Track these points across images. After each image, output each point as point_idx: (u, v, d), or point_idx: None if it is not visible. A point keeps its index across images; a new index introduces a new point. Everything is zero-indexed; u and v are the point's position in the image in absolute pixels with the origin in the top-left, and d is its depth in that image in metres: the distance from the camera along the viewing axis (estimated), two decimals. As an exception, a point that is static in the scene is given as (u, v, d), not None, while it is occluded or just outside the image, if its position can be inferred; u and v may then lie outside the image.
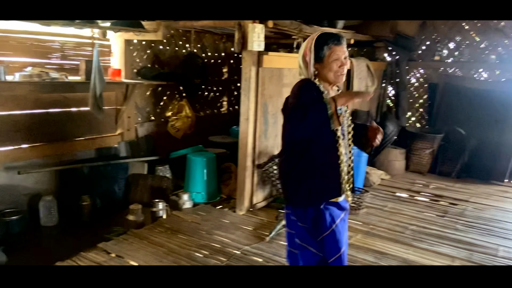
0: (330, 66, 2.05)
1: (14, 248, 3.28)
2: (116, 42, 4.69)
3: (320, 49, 2.05)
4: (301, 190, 2.11)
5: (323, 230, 2.09)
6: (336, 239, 2.10)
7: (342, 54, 2.06)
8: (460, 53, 6.08)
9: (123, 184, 4.60)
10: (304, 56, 2.09)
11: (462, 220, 4.20)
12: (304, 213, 2.12)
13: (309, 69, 2.09)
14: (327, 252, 2.11)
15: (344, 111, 2.19)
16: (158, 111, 5.44)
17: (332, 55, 2.04)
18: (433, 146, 5.87)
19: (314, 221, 2.11)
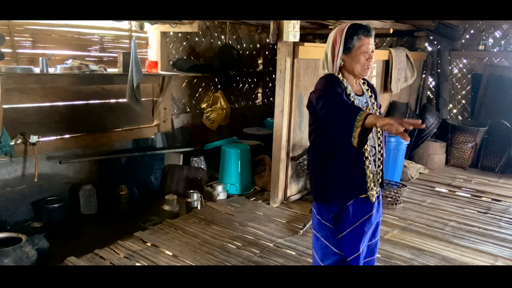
0: (358, 58, 1.99)
1: (56, 235, 3.41)
2: (153, 34, 4.75)
3: (350, 39, 1.98)
4: (325, 187, 2.07)
5: (344, 228, 2.04)
6: (356, 240, 2.05)
7: (371, 47, 2.01)
8: (507, 42, 5.75)
9: (159, 174, 4.69)
10: (334, 46, 2.02)
11: (506, 217, 4.00)
12: (328, 210, 2.08)
13: (335, 61, 2.02)
14: (346, 249, 2.06)
15: (371, 102, 2.11)
16: (194, 103, 5.49)
17: (361, 47, 1.98)
18: (475, 140, 5.62)
19: (335, 219, 2.06)
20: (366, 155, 2.01)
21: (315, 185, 2.14)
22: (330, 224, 2.09)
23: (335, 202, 2.05)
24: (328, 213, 2.08)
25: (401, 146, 4.67)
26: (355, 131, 1.75)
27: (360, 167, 2.02)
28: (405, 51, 5.51)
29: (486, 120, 5.71)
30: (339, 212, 2.06)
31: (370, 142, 2.03)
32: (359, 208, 2.08)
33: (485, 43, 5.88)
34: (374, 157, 2.07)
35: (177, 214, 3.78)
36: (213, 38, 5.58)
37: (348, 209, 2.05)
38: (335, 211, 2.06)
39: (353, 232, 2.04)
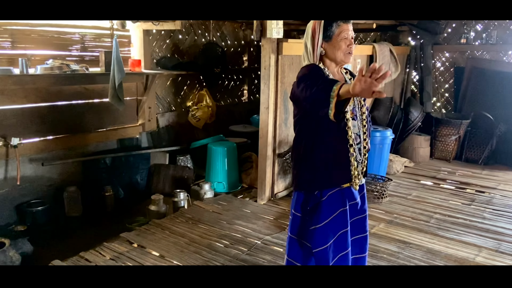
0: (339, 45, 1.98)
1: (40, 239, 3.36)
2: (135, 33, 4.70)
3: (329, 26, 1.98)
4: (308, 175, 2.05)
5: (318, 221, 2.03)
6: (327, 233, 2.05)
7: (350, 33, 2.01)
8: (488, 35, 5.83)
9: (145, 174, 4.65)
10: (313, 35, 2.01)
11: (490, 208, 4.06)
12: (307, 201, 2.07)
13: (316, 50, 2.01)
14: (313, 242, 2.06)
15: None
16: (179, 101, 5.45)
17: (341, 33, 1.98)
18: (459, 132, 5.69)
19: (312, 210, 2.05)
20: (351, 142, 2.00)
21: (298, 174, 2.11)
22: (305, 216, 2.08)
23: (317, 191, 2.04)
24: (306, 204, 2.07)
25: (386, 141, 4.71)
26: (331, 102, 1.73)
27: (345, 155, 2.01)
28: (389, 45, 5.54)
29: (469, 112, 5.79)
30: (318, 204, 2.04)
31: (354, 130, 2.03)
32: (337, 199, 2.06)
33: (466, 37, 5.95)
34: (359, 145, 2.06)
35: (163, 214, 3.76)
36: (197, 36, 5.54)
37: (326, 201, 2.03)
38: (314, 202, 2.05)
39: (327, 224, 2.04)
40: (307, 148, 2.03)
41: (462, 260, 3.01)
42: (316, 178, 2.04)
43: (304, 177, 2.08)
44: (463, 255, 3.09)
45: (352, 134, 2.00)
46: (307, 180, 2.07)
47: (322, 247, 2.06)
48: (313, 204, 2.05)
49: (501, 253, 3.13)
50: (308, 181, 2.06)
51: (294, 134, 2.15)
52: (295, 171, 2.14)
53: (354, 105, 2.06)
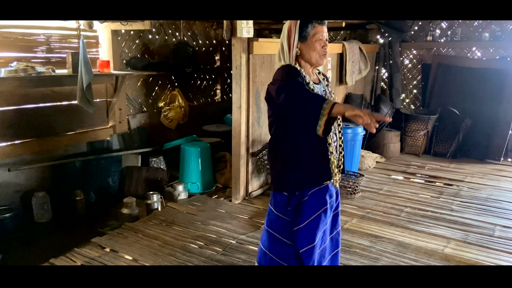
0: (314, 46, 2.02)
1: (9, 246, 3.25)
2: (103, 33, 4.61)
3: (305, 27, 2.01)
4: (287, 175, 2.06)
5: (301, 221, 2.05)
6: (311, 232, 2.06)
7: (325, 35, 2.05)
8: (453, 33, 6.01)
9: (117, 177, 4.57)
10: (289, 35, 2.03)
11: (458, 201, 4.20)
12: (287, 202, 2.08)
13: (291, 50, 2.03)
14: (299, 242, 2.06)
15: (328, 91, 2.15)
16: (151, 102, 5.38)
17: (316, 35, 2.01)
18: (427, 127, 5.85)
19: (294, 210, 2.07)
20: (329, 141, 2.03)
21: (276, 175, 2.12)
22: (287, 217, 2.09)
23: (297, 191, 2.05)
24: (287, 205, 2.07)
25: (357, 137, 4.79)
26: (321, 119, 1.74)
27: (324, 154, 2.04)
28: (358, 43, 5.64)
29: (437, 108, 5.96)
30: (298, 204, 2.05)
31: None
32: (318, 198, 2.08)
33: (432, 34, 6.12)
34: (336, 143, 2.10)
35: (136, 217, 3.71)
36: (167, 35, 5.49)
37: (308, 201, 2.05)
38: (294, 202, 2.06)
39: (309, 223, 2.06)
40: (286, 149, 2.05)
41: (431, 252, 3.10)
42: (296, 178, 2.05)
43: (284, 178, 2.08)
44: (432, 247, 3.18)
45: (330, 133, 2.02)
46: (288, 181, 2.07)
47: (308, 246, 2.06)
48: (294, 205, 2.06)
49: (469, 244, 3.24)
50: (289, 182, 2.06)
51: (271, 135, 2.16)
52: (274, 172, 2.14)
53: None
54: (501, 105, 5.57)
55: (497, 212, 3.89)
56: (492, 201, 4.19)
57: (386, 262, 2.95)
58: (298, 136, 2.02)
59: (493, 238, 3.35)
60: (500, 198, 4.25)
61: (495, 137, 5.62)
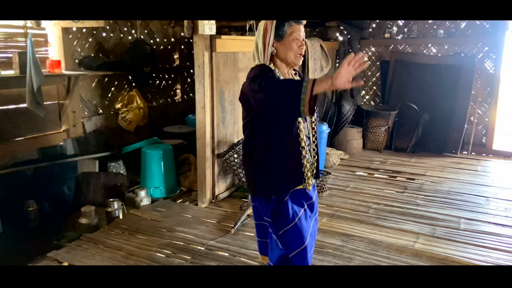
0: (291, 45, 1.96)
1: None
2: (53, 31, 4.30)
3: (281, 25, 1.95)
4: (262, 180, 2.00)
5: (285, 223, 1.98)
6: (299, 233, 2.00)
7: (302, 34, 1.99)
8: (409, 30, 6.14)
9: (73, 184, 4.28)
10: (265, 34, 1.96)
11: (422, 195, 4.27)
12: (266, 205, 2.01)
13: (267, 49, 1.96)
14: (287, 246, 2.01)
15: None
16: (107, 104, 5.10)
17: (293, 34, 1.95)
18: (388, 123, 5.94)
19: (274, 214, 2.00)
20: (303, 144, 1.97)
21: (252, 179, 2.05)
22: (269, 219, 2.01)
23: (274, 195, 1.99)
24: (266, 209, 2.01)
25: (322, 135, 4.77)
26: (304, 99, 1.68)
27: (297, 157, 1.98)
28: (319, 41, 5.63)
29: (396, 104, 6.07)
30: (277, 207, 1.99)
31: (305, 132, 2.00)
32: (297, 200, 2.03)
33: (390, 31, 6.23)
34: (309, 147, 2.04)
35: (96, 226, 3.47)
36: (122, 33, 5.22)
37: (287, 202, 1.99)
38: (273, 206, 1.99)
39: (295, 226, 1.98)
40: (258, 151, 1.98)
41: (402, 248, 3.10)
42: (271, 183, 1.98)
43: (257, 182, 2.02)
44: (403, 243, 3.19)
45: (304, 136, 1.97)
46: (263, 185, 2.01)
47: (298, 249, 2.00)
48: (273, 208, 2.00)
49: (437, 238, 3.28)
50: (264, 186, 2.00)
51: (245, 136, 2.08)
52: (249, 176, 2.08)
53: None
54: (457, 99, 5.75)
55: (460, 204, 3.98)
56: (454, 194, 4.29)
57: (359, 261, 2.92)
58: (272, 138, 1.95)
59: (459, 231, 3.41)
60: (461, 191, 4.37)
61: (452, 130, 5.80)
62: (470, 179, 4.78)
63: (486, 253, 3.05)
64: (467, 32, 5.84)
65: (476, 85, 5.80)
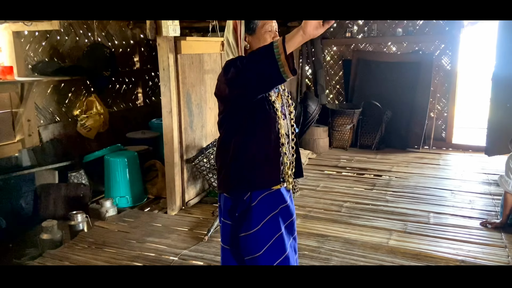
0: (264, 38, 1.86)
1: None
2: (3, 35, 4.02)
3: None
4: (238, 177, 1.89)
5: (248, 228, 1.89)
6: (259, 240, 1.92)
7: (275, 25, 1.90)
8: (369, 29, 6.25)
9: (30, 198, 4.02)
10: (235, 29, 1.86)
11: (390, 191, 4.33)
12: (235, 206, 1.91)
13: (239, 43, 1.86)
14: (245, 249, 1.94)
15: (282, 89, 2.00)
16: (64, 110, 4.85)
17: (265, 25, 1.86)
18: (352, 121, 6.02)
19: (241, 216, 1.91)
20: (282, 141, 1.88)
21: (225, 175, 1.92)
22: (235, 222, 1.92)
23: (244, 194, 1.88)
24: (235, 210, 1.90)
25: (290, 135, 4.74)
26: (280, 58, 1.58)
27: (276, 154, 1.89)
28: (283, 41, 5.61)
29: (360, 102, 6.16)
30: (247, 209, 1.88)
31: (284, 130, 1.92)
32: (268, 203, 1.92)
33: (351, 31, 6.32)
34: (288, 145, 1.96)
35: (59, 242, 3.25)
36: (78, 36, 4.97)
37: (257, 205, 1.89)
38: (243, 207, 1.89)
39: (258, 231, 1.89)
40: (236, 147, 1.87)
41: (377, 246, 3.12)
42: (246, 178, 1.88)
43: (233, 178, 1.90)
44: (377, 241, 3.21)
45: (283, 133, 1.89)
46: (237, 181, 1.89)
47: (254, 255, 1.91)
48: (242, 210, 1.89)
49: (409, 234, 3.32)
50: (238, 182, 1.89)
51: (220, 133, 1.97)
52: (222, 172, 1.95)
53: (283, 104, 1.95)
54: (417, 96, 5.91)
55: (427, 199, 4.07)
56: (421, 188, 4.38)
57: (336, 261, 2.90)
58: (250, 133, 1.85)
59: (430, 225, 3.48)
60: (427, 185, 4.47)
61: (414, 126, 5.95)
62: (434, 173, 4.91)
63: (457, 246, 3.12)
64: (425, 30, 6.01)
65: (434, 81, 5.99)
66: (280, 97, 1.95)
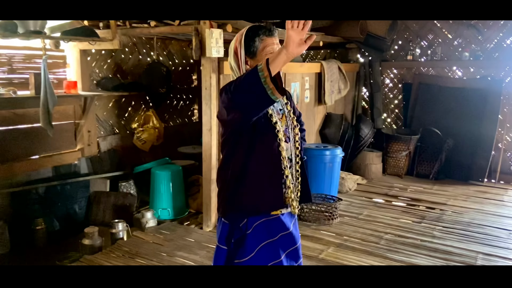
0: None
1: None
2: (71, 53, 4.42)
3: (252, 42, 1.84)
4: (235, 200, 1.86)
5: (243, 255, 1.85)
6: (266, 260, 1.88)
7: (276, 47, 1.87)
8: (433, 52, 5.95)
9: (84, 203, 4.33)
10: (236, 54, 1.88)
11: (440, 226, 4.03)
12: (231, 232, 1.88)
13: (241, 67, 1.87)
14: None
15: (287, 111, 1.96)
16: (123, 123, 5.18)
17: (266, 48, 1.84)
18: (409, 148, 5.72)
19: (236, 244, 1.87)
20: (285, 164, 1.86)
21: (223, 198, 1.91)
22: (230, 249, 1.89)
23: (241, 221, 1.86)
24: (231, 236, 1.87)
25: (336, 159, 4.63)
26: (265, 80, 1.57)
27: (277, 179, 1.86)
28: (337, 63, 5.54)
29: (418, 128, 5.85)
30: (243, 236, 1.85)
31: (287, 153, 1.89)
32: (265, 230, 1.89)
33: (413, 53, 6.06)
34: (291, 169, 1.91)
35: (99, 247, 3.46)
36: (141, 55, 5.32)
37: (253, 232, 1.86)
38: (239, 234, 1.86)
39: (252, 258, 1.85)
40: (234, 170, 1.85)
41: (410, 284, 2.91)
42: (242, 203, 1.86)
43: (230, 201, 1.88)
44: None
45: (286, 156, 1.86)
46: (233, 205, 1.87)
47: None
48: (238, 237, 1.87)
49: (449, 275, 3.06)
50: (234, 206, 1.87)
51: (222, 157, 1.96)
52: (221, 194, 1.94)
53: (287, 126, 1.92)
54: (483, 125, 5.48)
55: (479, 238, 3.73)
56: (475, 226, 4.03)
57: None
58: (251, 156, 1.83)
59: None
60: (483, 223, 4.10)
61: (478, 157, 5.51)
62: (495, 210, 4.49)
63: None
64: (494, 55, 5.59)
65: (503, 110, 5.52)
66: (285, 119, 1.92)
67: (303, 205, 4.10)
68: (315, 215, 4.06)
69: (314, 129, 5.49)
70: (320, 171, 4.52)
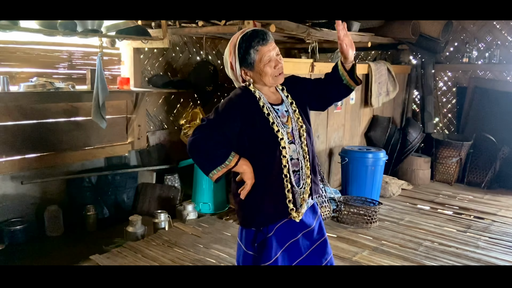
0: (265, 71, 1.82)
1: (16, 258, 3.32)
2: (126, 51, 4.69)
3: (247, 54, 1.81)
4: (248, 211, 1.88)
5: (265, 259, 1.87)
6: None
7: (273, 52, 1.83)
8: (491, 55, 5.65)
9: (132, 193, 4.58)
10: (232, 68, 1.89)
11: (486, 236, 3.84)
12: (254, 237, 1.90)
13: (237, 78, 1.90)
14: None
15: (292, 111, 1.93)
16: (171, 119, 5.40)
17: (263, 58, 1.81)
18: (460, 154, 5.48)
19: (260, 248, 1.88)
20: (285, 172, 1.84)
21: (238, 210, 1.95)
22: (254, 253, 1.92)
23: (261, 227, 1.88)
24: (254, 241, 1.89)
25: (379, 162, 4.54)
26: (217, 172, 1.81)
27: (279, 187, 1.85)
28: (386, 64, 5.42)
29: (471, 134, 5.58)
30: (265, 240, 1.87)
31: (294, 155, 1.87)
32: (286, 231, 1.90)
33: (469, 56, 5.78)
34: (299, 173, 1.89)
35: (142, 235, 3.66)
36: (191, 54, 5.52)
37: (275, 234, 1.88)
38: (260, 238, 1.88)
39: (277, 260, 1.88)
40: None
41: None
42: (253, 214, 1.87)
43: (242, 213, 1.92)
44: None
45: (287, 163, 1.84)
46: (245, 216, 1.91)
47: None
48: (260, 241, 1.89)
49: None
50: (247, 217, 1.90)
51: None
52: (237, 206, 1.96)
53: (293, 127, 1.90)
54: (544, 133, 5.13)
55: (528, 252, 3.52)
56: (525, 239, 3.80)
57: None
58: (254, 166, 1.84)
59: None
60: (535, 237, 3.86)
61: (537, 167, 5.16)
62: (550, 224, 4.20)
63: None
64: (559, 59, 5.22)
65: None
66: (290, 120, 1.90)
67: (341, 206, 4.08)
68: (353, 218, 4.02)
69: (359, 131, 5.41)
70: (361, 174, 4.46)
